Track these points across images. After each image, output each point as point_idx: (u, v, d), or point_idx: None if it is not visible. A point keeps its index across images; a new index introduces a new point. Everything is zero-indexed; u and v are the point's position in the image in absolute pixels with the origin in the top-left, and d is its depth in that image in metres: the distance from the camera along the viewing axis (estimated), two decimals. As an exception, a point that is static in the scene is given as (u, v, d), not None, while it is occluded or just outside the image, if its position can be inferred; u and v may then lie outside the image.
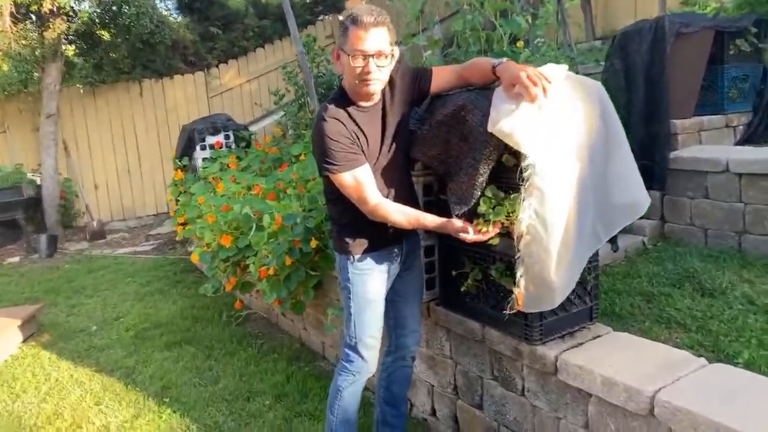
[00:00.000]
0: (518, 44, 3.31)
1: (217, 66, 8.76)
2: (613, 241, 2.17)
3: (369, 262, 2.06)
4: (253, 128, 7.23)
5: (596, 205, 1.94)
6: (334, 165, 1.87)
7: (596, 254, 2.05)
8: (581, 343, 1.99)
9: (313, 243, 3.03)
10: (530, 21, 3.36)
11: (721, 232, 3.07)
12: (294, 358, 3.49)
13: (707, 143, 3.52)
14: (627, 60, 3.29)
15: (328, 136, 1.86)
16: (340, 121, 1.88)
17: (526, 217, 1.79)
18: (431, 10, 3.77)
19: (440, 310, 2.40)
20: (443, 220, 1.91)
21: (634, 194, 1.98)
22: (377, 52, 1.80)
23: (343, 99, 1.93)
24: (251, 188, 4.28)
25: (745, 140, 3.67)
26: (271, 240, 3.28)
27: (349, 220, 2.06)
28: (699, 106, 3.54)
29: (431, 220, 1.93)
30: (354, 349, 2.14)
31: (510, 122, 1.75)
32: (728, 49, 3.50)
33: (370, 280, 2.08)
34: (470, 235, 1.84)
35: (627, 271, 2.89)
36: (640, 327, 2.29)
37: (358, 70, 1.82)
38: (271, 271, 3.20)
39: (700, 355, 1.93)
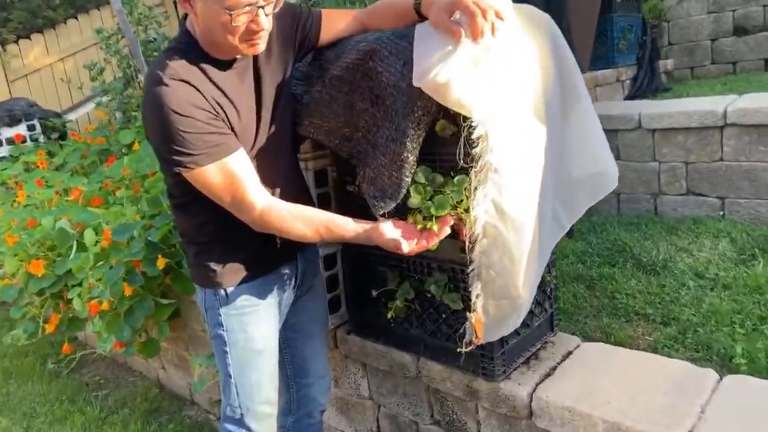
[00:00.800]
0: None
1: (16, 42, 7.08)
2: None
3: (249, 296, 1.37)
4: (71, 116, 5.92)
5: (556, 182, 1.44)
6: (189, 155, 1.14)
7: (556, 246, 1.56)
8: (553, 368, 1.49)
9: (161, 262, 2.21)
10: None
11: (635, 196, 2.81)
12: (152, 410, 2.66)
13: (602, 99, 3.26)
14: (521, 8, 2.86)
15: (172, 110, 1.11)
16: (190, 84, 1.14)
17: (481, 212, 1.22)
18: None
19: (353, 339, 1.77)
20: (369, 226, 1.24)
21: (600, 162, 1.50)
22: None
23: (193, 50, 1.19)
24: (68, 192, 3.25)
25: (633, 95, 3.49)
26: (101, 263, 2.39)
27: (211, 236, 1.34)
28: (591, 59, 3.25)
29: (352, 228, 1.25)
30: (240, 423, 1.45)
31: (447, 70, 1.16)
32: (616, -4, 3.26)
33: (255, 322, 1.39)
34: (410, 245, 1.22)
35: (550, 251, 2.49)
36: (597, 325, 1.87)
37: (242, 28, 1.11)
38: (105, 306, 2.32)
39: (691, 359, 1.55)
